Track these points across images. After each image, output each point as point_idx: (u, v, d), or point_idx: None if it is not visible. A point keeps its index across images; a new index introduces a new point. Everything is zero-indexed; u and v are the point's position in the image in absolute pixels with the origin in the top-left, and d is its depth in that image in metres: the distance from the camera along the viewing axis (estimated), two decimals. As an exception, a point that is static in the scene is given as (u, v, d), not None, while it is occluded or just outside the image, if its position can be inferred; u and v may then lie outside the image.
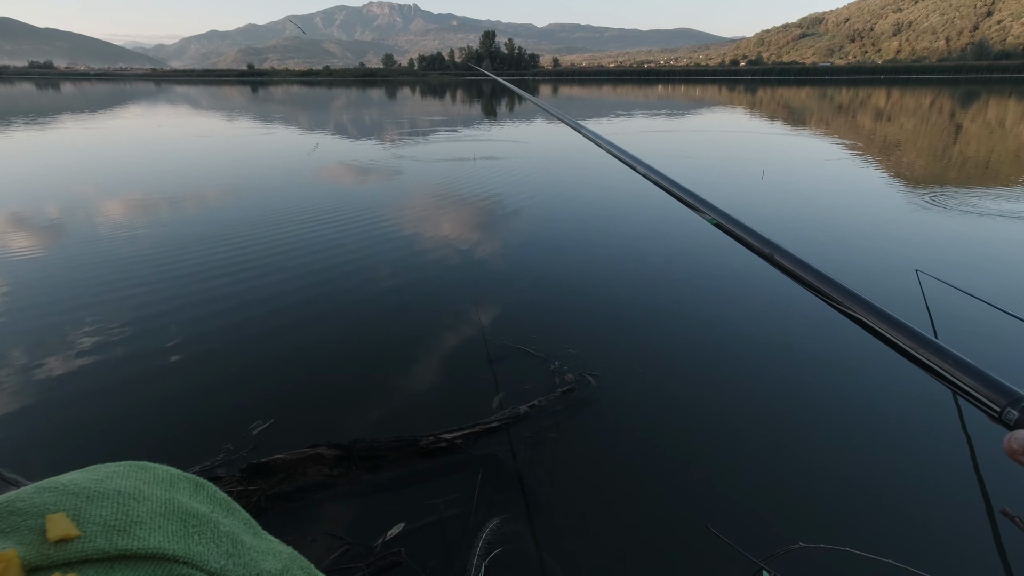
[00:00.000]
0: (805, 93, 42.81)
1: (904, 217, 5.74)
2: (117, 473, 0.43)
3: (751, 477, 2.06)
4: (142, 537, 0.36)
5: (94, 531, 0.35)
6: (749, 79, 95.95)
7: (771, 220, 5.55)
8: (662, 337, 3.15)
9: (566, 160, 10.01)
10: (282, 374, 2.80)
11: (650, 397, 2.57)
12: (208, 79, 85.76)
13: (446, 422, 2.32)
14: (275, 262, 4.41)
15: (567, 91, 50.87)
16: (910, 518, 1.86)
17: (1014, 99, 29.93)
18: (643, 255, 4.55)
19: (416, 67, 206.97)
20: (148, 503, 0.40)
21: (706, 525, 1.80)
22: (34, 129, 15.46)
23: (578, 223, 5.56)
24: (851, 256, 4.46)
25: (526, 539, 1.78)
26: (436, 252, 4.63)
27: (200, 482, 0.49)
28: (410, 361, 2.90)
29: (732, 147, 11.86)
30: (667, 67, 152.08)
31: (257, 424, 2.36)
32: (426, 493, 1.99)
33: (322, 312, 3.49)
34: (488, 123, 18.18)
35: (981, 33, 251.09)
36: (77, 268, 4.31)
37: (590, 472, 2.10)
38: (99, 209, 6.24)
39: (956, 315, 3.30)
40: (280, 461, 2.04)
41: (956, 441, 2.24)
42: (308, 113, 24.15)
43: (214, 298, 3.70)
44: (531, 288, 3.85)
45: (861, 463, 2.12)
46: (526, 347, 3.00)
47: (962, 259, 4.34)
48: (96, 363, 2.88)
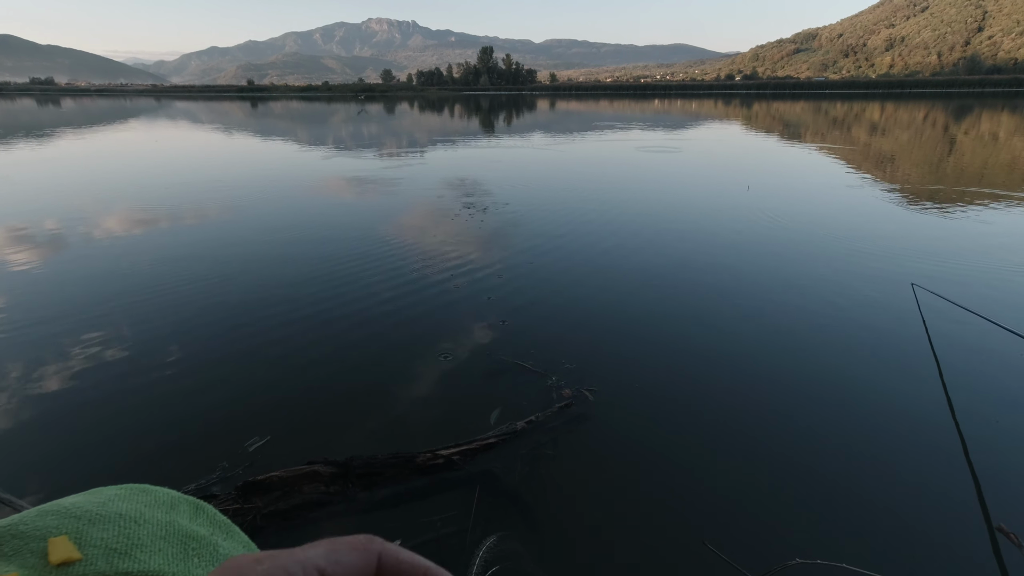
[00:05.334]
0: (800, 107, 43.24)
1: (900, 230, 5.78)
2: (119, 496, 0.43)
3: (749, 492, 2.05)
4: (143, 560, 0.37)
5: (95, 554, 0.36)
6: (744, 93, 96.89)
7: (759, 233, 5.58)
8: (659, 352, 3.16)
9: (560, 173, 10.07)
10: (278, 391, 2.80)
11: (647, 412, 2.57)
12: (208, 95, 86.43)
13: (443, 438, 2.31)
14: (271, 277, 4.42)
15: (565, 106, 51.32)
16: (908, 534, 1.85)
17: (1007, 112, 30.26)
18: (640, 268, 4.57)
19: (415, 82, 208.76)
20: (149, 526, 0.40)
21: (703, 541, 1.79)
22: (34, 143, 15.52)
23: (574, 237, 5.58)
24: (846, 269, 4.48)
25: (524, 557, 1.77)
26: (433, 268, 4.64)
27: (200, 504, 0.50)
28: (407, 377, 2.90)
29: (726, 158, 11.94)
30: (663, 82, 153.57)
31: (253, 441, 2.35)
32: (423, 510, 1.98)
33: (318, 328, 3.49)
34: (486, 136, 18.31)
35: (972, 48, 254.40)
36: (70, 283, 4.32)
37: (587, 488, 2.10)
38: (93, 223, 6.25)
39: (952, 329, 3.31)
40: (276, 478, 2.03)
41: (954, 456, 2.23)
42: (307, 128, 24.31)
43: (209, 314, 3.70)
44: (528, 303, 3.86)
45: (859, 479, 2.12)
46: (523, 362, 3.00)
47: (958, 272, 4.36)
48: (91, 379, 2.87)
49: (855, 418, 2.51)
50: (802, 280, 4.26)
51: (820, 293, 3.98)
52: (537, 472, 2.17)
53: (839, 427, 2.45)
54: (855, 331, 3.37)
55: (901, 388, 2.74)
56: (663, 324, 3.51)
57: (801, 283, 4.20)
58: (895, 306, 3.69)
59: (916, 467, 2.18)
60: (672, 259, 4.83)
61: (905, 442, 2.33)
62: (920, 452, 2.27)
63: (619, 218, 6.39)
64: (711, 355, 3.11)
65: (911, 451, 2.28)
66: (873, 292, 3.98)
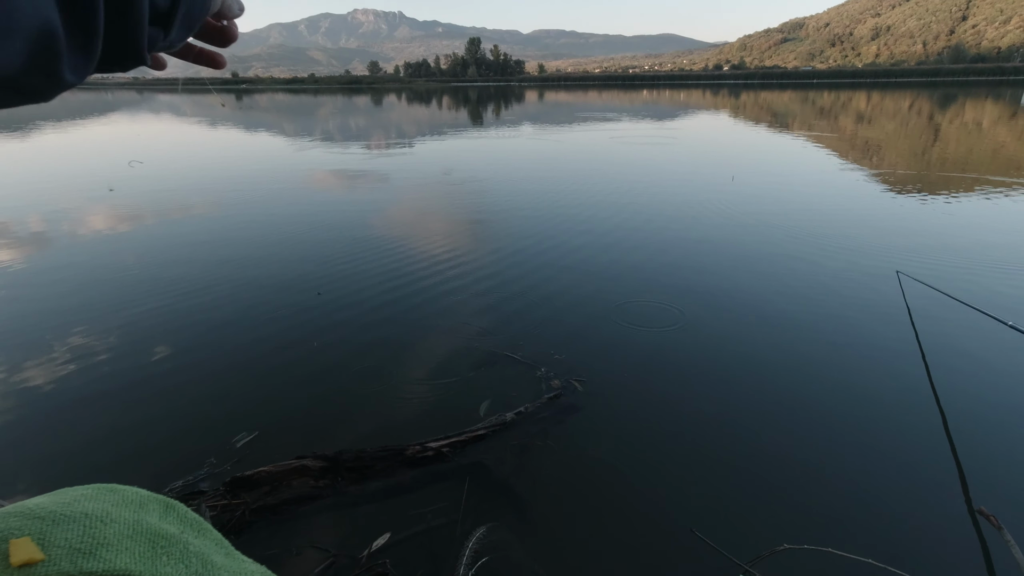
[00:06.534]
0: (787, 96, 43.40)
1: (884, 218, 5.83)
2: (85, 496, 0.42)
3: (737, 479, 2.07)
4: (108, 559, 0.36)
5: (59, 554, 0.35)
6: (732, 83, 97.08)
7: (742, 221, 5.61)
8: (646, 340, 3.17)
9: (550, 166, 10.05)
10: (266, 385, 2.77)
11: (635, 401, 2.58)
12: (191, 88, 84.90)
13: (432, 431, 2.31)
14: (256, 271, 4.38)
15: (553, 97, 51.14)
16: (892, 518, 1.88)
17: (990, 101, 30.58)
18: (628, 259, 4.58)
19: (402, 74, 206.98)
20: (115, 525, 0.39)
21: (692, 529, 1.80)
22: (15, 137, 15.21)
23: (561, 229, 5.58)
24: (829, 257, 4.52)
25: (514, 547, 1.78)
26: (420, 260, 4.62)
27: (170, 503, 0.49)
28: (396, 370, 2.89)
29: (713, 149, 11.98)
30: (652, 72, 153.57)
31: (241, 436, 2.33)
32: (413, 503, 1.98)
33: (305, 322, 3.47)
34: (474, 128, 18.21)
35: (957, 37, 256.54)
36: (55, 282, 4.25)
37: (577, 478, 2.10)
38: (79, 219, 6.15)
39: (937, 317, 3.35)
40: (265, 474, 2.02)
41: (937, 442, 2.27)
42: (294, 121, 24.04)
43: (194, 310, 3.66)
44: (516, 294, 3.85)
45: (844, 465, 2.15)
46: (512, 354, 3.00)
47: (942, 261, 4.41)
48: (73, 377, 2.83)
49: (839, 404, 2.53)
50: (784, 265, 4.29)
51: (804, 280, 4.01)
52: (527, 462, 2.18)
53: (823, 414, 2.47)
54: (838, 318, 3.40)
55: (885, 374, 2.78)
56: (649, 314, 3.52)
57: (784, 269, 4.22)
58: (879, 294, 3.72)
59: (900, 453, 2.21)
60: (662, 250, 4.84)
61: (889, 429, 2.36)
62: (904, 438, 2.30)
63: (608, 210, 6.39)
64: (695, 343, 3.13)
65: (895, 437, 2.31)
66: (856, 279, 4.01)
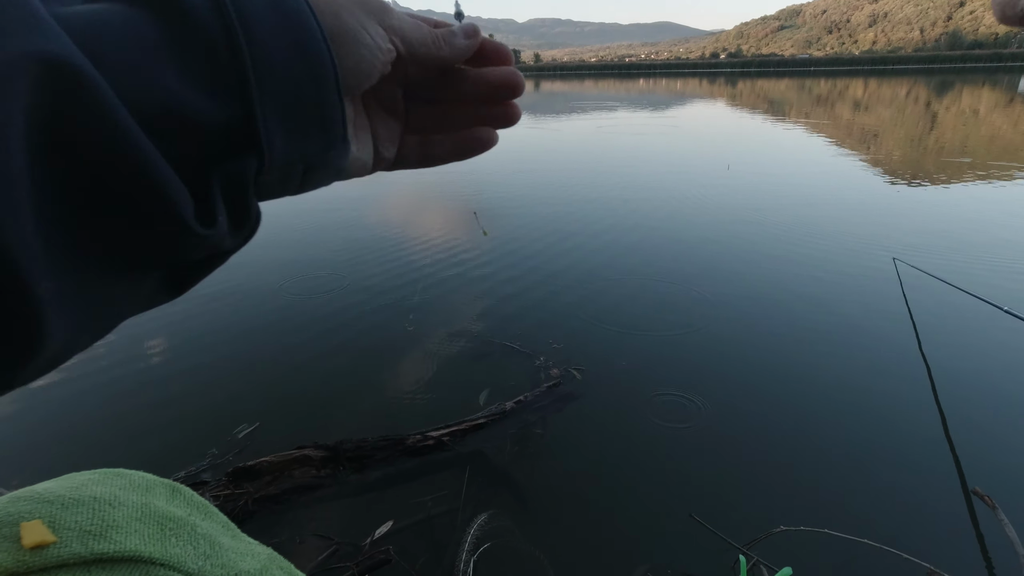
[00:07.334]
0: (784, 85, 43.26)
1: (881, 204, 5.84)
2: (92, 480, 0.43)
3: (733, 464, 2.10)
4: (118, 541, 0.37)
5: (70, 536, 0.36)
6: (729, 72, 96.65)
7: (738, 209, 5.62)
8: (643, 327, 3.18)
9: (550, 152, 10.03)
10: (267, 376, 2.78)
11: (633, 389, 2.60)
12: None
13: (433, 420, 2.33)
14: (256, 259, 4.37)
15: (549, 86, 50.88)
16: (887, 499, 1.91)
17: (987, 87, 30.53)
18: (625, 246, 4.58)
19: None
20: (124, 508, 0.40)
21: (690, 514, 1.83)
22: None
23: (559, 216, 5.58)
24: (825, 244, 4.53)
25: (515, 533, 1.80)
26: (418, 249, 4.62)
27: (176, 487, 0.50)
28: (395, 361, 2.90)
29: (710, 138, 11.96)
30: (648, 61, 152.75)
31: (242, 427, 2.35)
32: (414, 491, 1.99)
33: (305, 312, 3.47)
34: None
35: (954, 23, 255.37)
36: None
37: (576, 465, 2.13)
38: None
39: (934, 304, 3.37)
40: (266, 464, 2.03)
41: (932, 424, 2.29)
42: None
43: (194, 301, 3.66)
44: (514, 283, 3.86)
45: (840, 448, 2.17)
46: (511, 343, 3.01)
47: (940, 247, 4.43)
48: (74, 367, 2.84)
49: (833, 388, 2.56)
50: (780, 252, 4.30)
51: (799, 266, 4.03)
52: (527, 450, 2.19)
53: (819, 398, 2.49)
54: (835, 304, 3.42)
55: (879, 358, 2.80)
56: (647, 300, 3.53)
57: (779, 255, 4.24)
58: (876, 281, 3.74)
59: (895, 435, 2.23)
60: (660, 236, 4.84)
61: (884, 411, 2.39)
62: (899, 421, 2.33)
63: (603, 197, 6.38)
64: (695, 328, 3.14)
65: (890, 420, 2.33)
66: (853, 266, 4.03)
